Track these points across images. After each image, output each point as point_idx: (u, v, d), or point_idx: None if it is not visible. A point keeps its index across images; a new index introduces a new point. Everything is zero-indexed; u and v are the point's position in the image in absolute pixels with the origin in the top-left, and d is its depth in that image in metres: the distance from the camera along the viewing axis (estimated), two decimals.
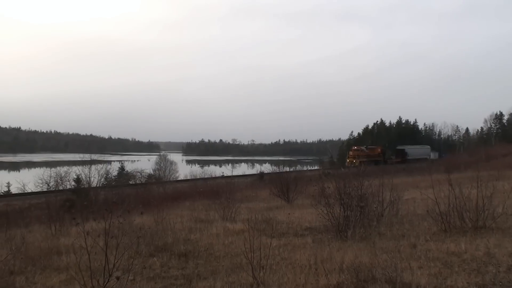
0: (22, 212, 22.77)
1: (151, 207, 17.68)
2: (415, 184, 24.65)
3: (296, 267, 7.98)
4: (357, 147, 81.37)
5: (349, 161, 72.96)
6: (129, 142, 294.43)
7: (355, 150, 78.23)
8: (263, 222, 12.99)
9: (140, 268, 8.59)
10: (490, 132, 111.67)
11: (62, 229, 14.21)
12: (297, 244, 10.50)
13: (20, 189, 37.61)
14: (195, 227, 13.89)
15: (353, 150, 78.71)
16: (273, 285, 6.97)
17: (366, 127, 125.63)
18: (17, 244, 11.05)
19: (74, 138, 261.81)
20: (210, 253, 10.06)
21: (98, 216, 10.75)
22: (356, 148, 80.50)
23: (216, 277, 7.78)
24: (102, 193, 27.74)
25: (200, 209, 19.62)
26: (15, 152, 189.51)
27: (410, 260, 7.83)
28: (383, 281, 6.55)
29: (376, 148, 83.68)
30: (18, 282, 8.05)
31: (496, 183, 13.10)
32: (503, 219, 11.04)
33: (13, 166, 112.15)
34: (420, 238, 10.15)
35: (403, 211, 14.01)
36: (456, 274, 6.98)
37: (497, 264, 7.48)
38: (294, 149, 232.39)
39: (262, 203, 22.83)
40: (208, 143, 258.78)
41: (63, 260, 9.63)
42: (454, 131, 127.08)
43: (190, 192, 30.36)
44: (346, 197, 11.35)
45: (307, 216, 14.92)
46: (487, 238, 9.41)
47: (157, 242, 10.75)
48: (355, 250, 8.95)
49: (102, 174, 34.85)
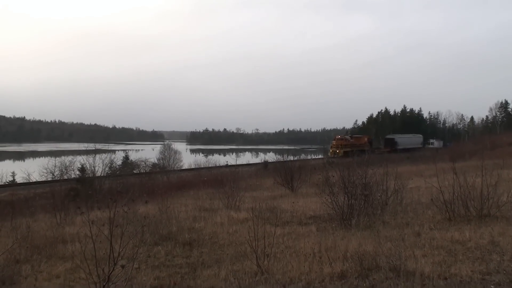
0: (27, 201, 22.88)
1: (156, 196, 17.74)
2: (419, 172, 24.63)
3: (300, 256, 8.00)
4: (340, 136, 77.93)
5: (332, 151, 70.68)
6: (133, 131, 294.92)
7: (339, 139, 74.56)
8: (267, 211, 13.01)
9: (145, 257, 8.64)
10: (495, 121, 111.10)
11: (67, 218, 14.28)
12: (301, 232, 10.52)
13: (25, 178, 37.84)
14: (199, 216, 13.93)
15: (336, 139, 75.13)
16: (277, 273, 6.98)
17: (370, 116, 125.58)
18: (23, 233, 11.14)
19: (78, 127, 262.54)
20: (215, 241, 10.09)
21: (102, 205, 10.77)
22: (339, 137, 76.87)
23: (220, 265, 7.81)
24: (107, 182, 27.82)
25: (204, 198, 19.66)
26: (20, 142, 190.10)
27: (414, 249, 7.83)
28: (387, 269, 6.56)
29: (362, 137, 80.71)
30: (24, 270, 8.12)
31: (501, 172, 13.08)
32: (507, 207, 11.01)
33: (18, 156, 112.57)
34: (424, 227, 10.15)
35: (407, 199, 13.99)
36: (460, 262, 6.98)
37: (501, 252, 7.47)
38: (298, 138, 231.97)
39: (266, 192, 22.85)
40: (212, 132, 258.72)
41: (68, 249, 9.69)
42: (459, 120, 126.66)
43: (194, 181, 30.44)
44: (350, 185, 11.35)
45: (311, 204, 14.92)
46: (492, 227, 9.39)
47: (162, 231, 10.79)
48: (359, 239, 8.95)
49: (107, 164, 34.92)
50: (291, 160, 36.63)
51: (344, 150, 66.16)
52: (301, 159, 55.28)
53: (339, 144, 71.05)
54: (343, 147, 69.25)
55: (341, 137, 76.17)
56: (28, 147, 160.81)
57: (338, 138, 75.67)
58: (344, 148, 68.58)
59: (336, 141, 73.45)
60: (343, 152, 64.57)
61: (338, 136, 77.85)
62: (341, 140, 73.36)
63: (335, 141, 74.26)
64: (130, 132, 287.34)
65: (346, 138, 75.30)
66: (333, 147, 71.86)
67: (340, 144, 70.99)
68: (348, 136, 78.65)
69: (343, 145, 70.32)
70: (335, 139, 75.95)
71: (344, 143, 71.40)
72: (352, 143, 72.33)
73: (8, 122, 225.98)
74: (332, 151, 70.32)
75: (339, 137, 76.14)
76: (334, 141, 74.95)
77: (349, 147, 68.92)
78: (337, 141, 73.33)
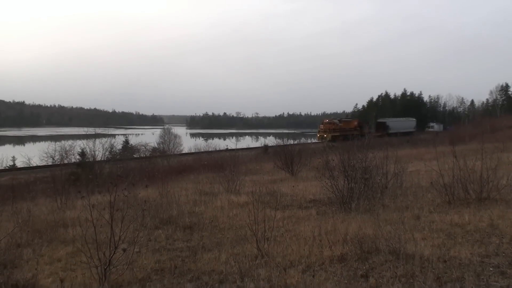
0: (28, 185, 22.92)
1: (156, 180, 17.76)
2: (419, 156, 24.67)
3: (300, 239, 8.03)
4: (328, 120, 74.50)
5: (319, 135, 68.64)
6: (133, 115, 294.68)
7: (327, 123, 71.31)
8: (267, 195, 13.05)
9: (146, 241, 8.68)
10: (495, 104, 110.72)
11: (67, 202, 14.32)
12: (301, 216, 10.55)
13: (25, 163, 37.87)
14: (199, 199, 13.96)
15: (324, 123, 71.88)
16: (278, 256, 7.02)
17: (370, 99, 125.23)
18: (24, 217, 11.17)
19: (78, 112, 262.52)
20: (215, 225, 10.13)
21: (103, 189, 10.86)
22: (327, 121, 73.49)
23: (221, 249, 7.85)
24: (107, 167, 27.87)
25: (204, 182, 19.70)
26: (20, 126, 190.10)
27: (413, 232, 7.85)
28: (387, 252, 6.59)
29: (352, 121, 77.55)
30: (25, 254, 8.16)
31: (500, 155, 13.09)
32: (507, 190, 11.01)
33: (18, 140, 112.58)
34: (424, 210, 10.17)
35: (407, 183, 14.02)
36: (459, 245, 7.01)
37: (501, 235, 7.50)
38: (298, 122, 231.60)
39: (266, 176, 22.89)
40: (212, 116, 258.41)
41: (69, 233, 9.73)
42: (459, 103, 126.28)
43: (194, 165, 30.46)
44: (350, 169, 11.36)
45: (311, 188, 14.95)
46: (491, 210, 9.41)
47: (162, 214, 10.83)
48: (359, 222, 8.98)
49: (107, 148, 34.89)
50: (291, 144, 36.63)
51: (333, 135, 64.68)
52: (301, 143, 55.31)
53: (327, 129, 68.90)
54: (331, 131, 67.36)
55: (329, 121, 73.36)
56: (28, 132, 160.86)
57: (326, 122, 72.76)
58: (332, 132, 66.73)
59: (324, 125, 70.95)
60: (331, 137, 62.84)
61: (326, 120, 74.87)
62: (329, 124, 70.91)
63: (323, 125, 71.73)
64: (130, 117, 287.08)
65: (334, 122, 72.35)
66: (321, 132, 69.79)
67: (328, 128, 68.88)
68: (336, 120, 75.49)
69: (331, 129, 68.32)
70: (323, 123, 73.24)
71: (333, 127, 69.38)
72: (340, 128, 70.10)
73: (7, 106, 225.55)
74: (320, 136, 68.25)
75: (327, 121, 73.29)
76: (322, 125, 72.29)
77: (337, 131, 67.35)
78: (325, 125, 70.81)
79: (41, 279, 6.57)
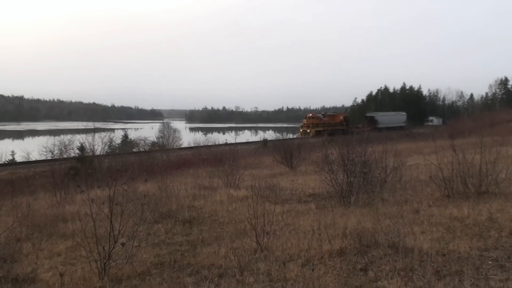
0: (27, 180, 22.91)
1: (155, 174, 17.77)
2: (418, 150, 24.62)
3: (299, 233, 8.05)
4: (312, 115, 71.05)
5: (302, 130, 64.79)
6: (132, 110, 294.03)
7: (310, 118, 67.51)
8: (266, 189, 13.05)
9: (145, 235, 8.69)
10: (494, 98, 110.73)
11: (67, 196, 14.33)
12: (300, 210, 10.56)
13: (24, 157, 37.82)
14: (199, 194, 13.96)
15: (307, 118, 68.05)
16: (277, 250, 7.03)
17: (370, 93, 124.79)
18: (23, 211, 11.19)
19: (77, 106, 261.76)
20: (214, 219, 10.15)
21: (102, 183, 10.85)
22: (311, 115, 69.96)
23: (220, 243, 7.87)
24: (106, 161, 27.83)
25: (203, 176, 19.69)
26: (19, 121, 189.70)
27: (413, 225, 7.87)
28: (386, 246, 6.61)
29: (337, 116, 74.00)
30: (25, 248, 8.18)
31: (500, 149, 13.09)
32: (506, 184, 11.04)
33: (17, 135, 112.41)
34: (423, 204, 10.19)
35: (406, 177, 14.02)
36: (458, 239, 7.02)
37: (499, 228, 7.51)
38: (298, 116, 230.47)
39: (266, 170, 22.88)
40: (211, 111, 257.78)
41: (69, 227, 9.75)
42: (458, 97, 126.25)
43: (193, 160, 30.40)
44: (350, 163, 11.36)
45: (311, 182, 14.96)
46: (490, 203, 9.41)
47: (162, 209, 10.84)
48: (358, 216, 9.00)
49: (106, 142, 34.89)
50: (290, 138, 36.62)
51: (316, 130, 61.45)
52: (301, 137, 55.26)
53: (310, 123, 65.13)
54: (315, 126, 63.71)
55: (312, 115, 69.87)
56: (27, 126, 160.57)
57: (309, 116, 69.06)
58: (315, 127, 63.28)
59: (307, 120, 67.05)
60: (315, 132, 59.84)
61: (309, 114, 71.47)
62: (313, 118, 67.13)
63: (306, 119, 67.85)
64: (129, 111, 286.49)
65: (318, 117, 68.35)
66: (304, 126, 65.82)
67: (311, 123, 65.12)
68: (321, 114, 71.36)
69: (314, 124, 64.68)
70: (306, 117, 69.50)
71: (316, 122, 65.52)
72: (325, 122, 66.31)
73: (6, 100, 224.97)
74: (303, 131, 64.49)
75: (311, 115, 69.79)
76: (304, 119, 68.44)
77: (321, 126, 63.60)
78: (308, 119, 67.03)
79: (41, 273, 6.58)
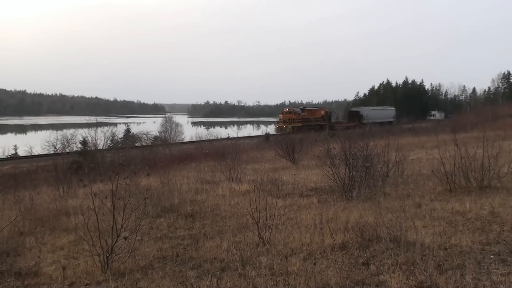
0: (30, 174, 22.98)
1: (157, 168, 17.76)
2: (421, 144, 24.62)
3: (301, 227, 8.05)
4: (289, 109, 65.03)
5: (278, 126, 59.64)
6: (135, 104, 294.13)
7: (286, 113, 61.93)
8: (268, 183, 13.05)
9: (148, 229, 8.71)
10: (497, 92, 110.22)
11: (69, 190, 14.37)
12: (302, 204, 10.57)
13: (27, 151, 37.88)
14: (201, 188, 13.98)
15: (284, 113, 62.50)
16: (279, 244, 7.05)
17: (372, 87, 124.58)
18: (26, 205, 11.21)
19: (79, 100, 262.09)
20: (217, 213, 10.16)
21: (105, 177, 10.87)
22: (287, 110, 64.17)
23: (222, 237, 7.89)
24: (109, 155, 27.92)
25: (206, 170, 19.71)
26: (21, 115, 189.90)
27: (414, 220, 7.87)
28: (388, 240, 6.62)
29: (318, 110, 69.48)
30: (28, 242, 8.21)
31: (502, 143, 13.02)
32: (508, 178, 11.01)
33: (20, 129, 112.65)
34: (425, 198, 10.19)
35: (408, 171, 14.03)
36: (460, 233, 7.03)
37: (501, 223, 7.51)
38: None
39: (268, 164, 22.90)
40: (213, 105, 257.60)
41: (71, 221, 9.78)
42: (461, 91, 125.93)
43: (196, 154, 30.45)
44: (352, 157, 11.34)
45: (313, 176, 14.96)
46: (492, 198, 9.41)
47: (164, 203, 10.85)
48: (360, 210, 9.00)
49: (108, 137, 34.99)
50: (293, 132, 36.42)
51: (293, 125, 56.57)
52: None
53: (286, 119, 59.82)
54: (291, 121, 58.69)
55: (289, 110, 63.85)
56: (29, 120, 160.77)
57: (286, 111, 63.19)
58: (292, 123, 58.08)
59: (283, 115, 61.65)
60: (292, 128, 53.79)
61: (286, 109, 65.48)
62: (290, 113, 61.39)
63: (282, 114, 62.54)
64: (131, 105, 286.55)
65: (295, 111, 62.83)
66: (280, 122, 60.62)
67: (288, 118, 59.75)
68: (299, 109, 66.14)
69: (291, 119, 59.40)
70: (282, 112, 63.93)
71: (293, 117, 60.16)
72: (303, 117, 61.99)
73: (9, 95, 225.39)
74: (278, 127, 59.34)
75: (287, 110, 63.83)
76: (281, 114, 62.99)
77: (299, 121, 59.46)
78: (284, 114, 61.54)
79: (44, 267, 6.61)
